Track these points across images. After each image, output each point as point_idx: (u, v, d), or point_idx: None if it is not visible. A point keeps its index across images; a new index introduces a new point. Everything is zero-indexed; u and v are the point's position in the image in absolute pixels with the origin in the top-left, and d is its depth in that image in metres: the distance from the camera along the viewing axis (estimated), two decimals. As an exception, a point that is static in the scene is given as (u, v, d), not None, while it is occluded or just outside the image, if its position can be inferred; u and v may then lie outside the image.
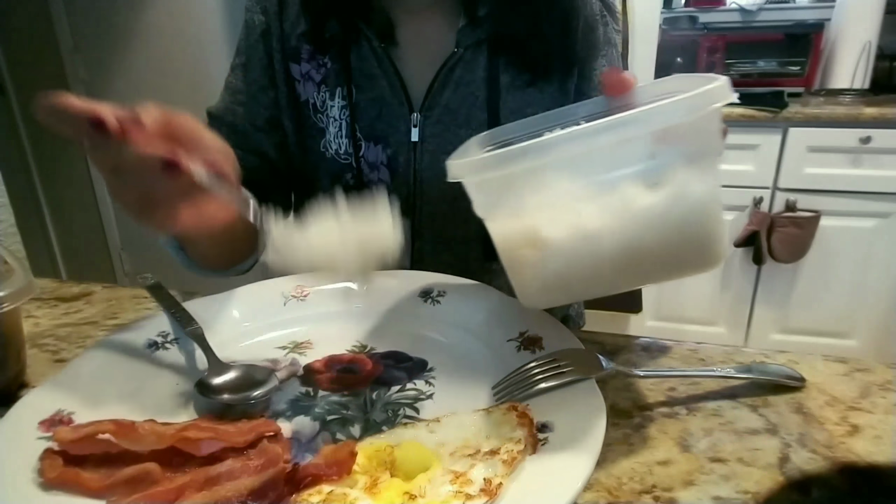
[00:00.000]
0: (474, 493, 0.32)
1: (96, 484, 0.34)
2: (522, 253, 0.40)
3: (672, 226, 0.36)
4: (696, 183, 0.36)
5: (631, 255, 0.37)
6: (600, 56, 0.68)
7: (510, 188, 0.38)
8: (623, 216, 0.36)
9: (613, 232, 0.37)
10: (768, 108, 1.76)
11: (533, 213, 0.38)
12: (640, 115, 0.33)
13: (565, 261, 0.38)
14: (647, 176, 0.36)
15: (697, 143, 0.36)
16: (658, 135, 0.35)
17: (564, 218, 0.37)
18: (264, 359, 0.49)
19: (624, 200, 0.36)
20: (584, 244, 0.37)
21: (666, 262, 0.38)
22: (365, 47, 0.66)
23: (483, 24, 0.65)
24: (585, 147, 0.34)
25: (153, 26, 2.31)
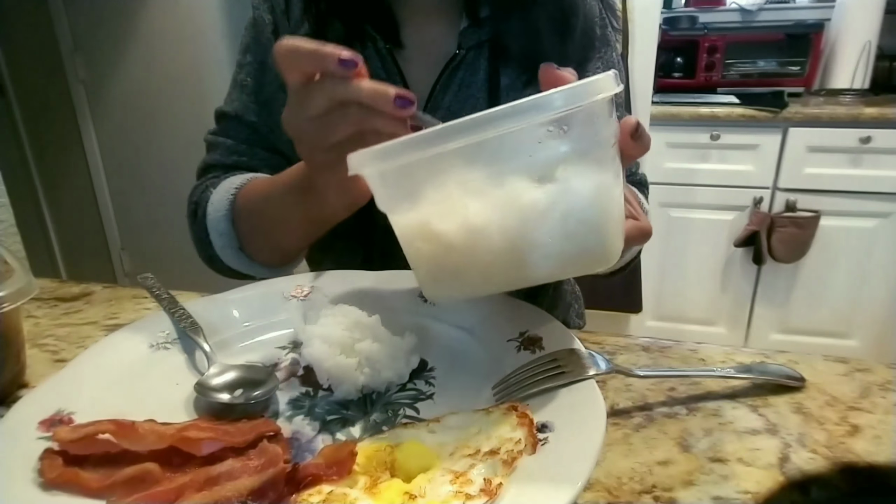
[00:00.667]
0: (474, 493, 0.32)
1: (96, 484, 0.34)
2: (418, 246, 0.40)
3: (556, 222, 0.36)
4: (582, 178, 0.35)
5: (519, 252, 0.37)
6: (596, 58, 0.68)
7: (407, 180, 0.38)
8: (509, 211, 0.36)
9: (500, 227, 0.36)
10: (768, 108, 1.76)
11: (427, 207, 0.38)
12: (522, 106, 0.33)
13: (457, 255, 0.38)
14: (534, 170, 0.35)
15: (584, 137, 0.35)
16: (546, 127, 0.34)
17: (454, 212, 0.37)
18: (264, 359, 0.49)
19: (510, 195, 0.36)
20: (473, 239, 0.37)
21: (555, 260, 0.38)
22: (370, 48, 0.66)
23: (484, 26, 0.65)
24: (474, 138, 0.33)
25: (153, 26, 2.31)
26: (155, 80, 2.36)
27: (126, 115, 2.48)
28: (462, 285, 0.41)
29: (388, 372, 0.44)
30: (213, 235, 0.63)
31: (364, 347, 0.44)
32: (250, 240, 0.63)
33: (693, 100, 1.90)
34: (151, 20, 2.30)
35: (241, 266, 0.65)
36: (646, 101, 1.77)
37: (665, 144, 1.87)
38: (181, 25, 2.26)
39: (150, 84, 2.38)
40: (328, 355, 0.43)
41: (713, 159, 1.86)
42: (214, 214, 0.63)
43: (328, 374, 0.43)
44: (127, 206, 2.68)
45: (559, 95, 0.33)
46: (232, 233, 0.62)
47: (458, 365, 0.47)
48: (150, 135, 2.46)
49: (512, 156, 0.35)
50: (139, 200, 2.60)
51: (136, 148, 2.52)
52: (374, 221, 0.72)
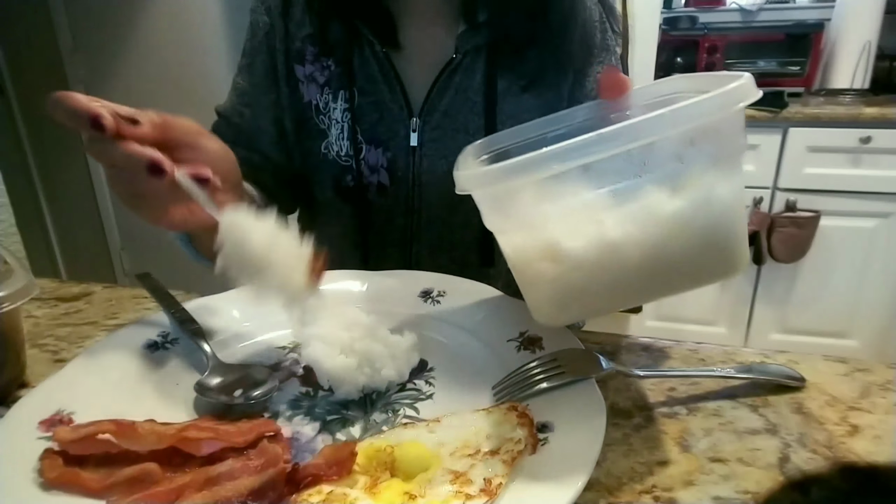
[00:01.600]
0: (474, 493, 0.32)
1: (96, 484, 0.34)
2: (539, 267, 0.38)
3: (698, 231, 0.35)
4: (722, 186, 0.34)
5: (655, 265, 0.36)
6: (596, 63, 0.68)
7: (524, 199, 0.36)
8: (647, 224, 0.35)
9: (637, 241, 0.35)
10: (768, 108, 1.76)
11: (550, 225, 0.36)
12: (664, 118, 0.32)
13: (587, 273, 0.37)
14: (671, 180, 0.34)
15: (723, 143, 0.35)
16: (682, 137, 0.34)
17: (585, 228, 0.36)
18: (264, 359, 0.49)
19: (648, 207, 0.34)
20: (606, 255, 0.36)
21: (690, 271, 0.37)
22: (367, 51, 0.66)
23: (482, 30, 0.65)
24: (605, 153, 0.32)
25: (153, 26, 2.31)
26: (155, 80, 2.36)
27: (126, 115, 2.48)
28: (586, 305, 0.40)
29: (389, 371, 0.44)
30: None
31: (364, 347, 0.44)
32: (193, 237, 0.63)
33: (693, 100, 1.90)
34: (151, 20, 2.30)
35: (191, 257, 0.65)
36: (646, 101, 1.77)
37: (665, 144, 1.87)
38: (181, 25, 2.26)
39: (150, 84, 2.38)
40: (328, 356, 0.43)
41: (713, 159, 1.86)
42: None
43: (328, 375, 0.43)
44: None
45: (710, 103, 0.32)
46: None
47: (458, 365, 0.47)
48: (150, 135, 2.45)
49: (654, 166, 0.34)
50: (139, 200, 2.59)
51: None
52: (370, 223, 0.72)
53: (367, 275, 0.58)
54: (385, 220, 0.70)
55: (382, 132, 0.67)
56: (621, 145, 0.32)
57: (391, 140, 0.67)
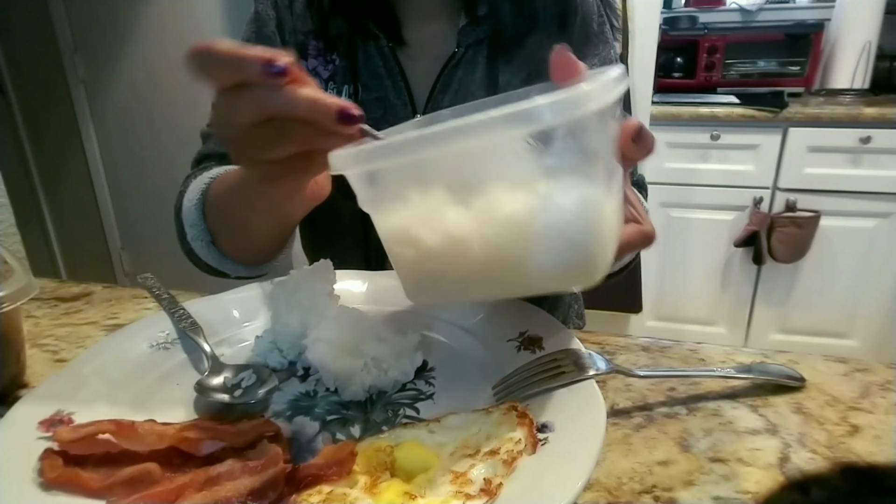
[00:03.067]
0: (474, 493, 0.32)
1: (96, 484, 0.34)
2: (398, 250, 0.38)
3: (536, 238, 0.34)
4: (566, 193, 0.33)
5: (500, 265, 0.36)
6: (594, 54, 0.68)
7: (390, 183, 0.36)
8: (488, 222, 0.34)
9: (480, 239, 0.35)
10: (768, 108, 1.76)
11: (408, 211, 0.36)
12: (501, 117, 0.30)
13: (437, 262, 0.37)
14: (514, 182, 0.33)
15: (570, 150, 0.32)
16: (526, 140, 0.32)
17: (434, 219, 0.35)
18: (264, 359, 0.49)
19: (490, 206, 0.34)
20: (451, 248, 0.36)
21: (535, 275, 0.36)
22: (371, 46, 0.66)
23: (483, 24, 0.65)
24: (452, 147, 0.31)
25: (153, 26, 2.31)
26: (155, 80, 2.36)
27: (126, 115, 2.48)
28: (441, 292, 0.40)
29: (395, 371, 0.44)
30: (186, 226, 0.60)
31: (369, 348, 0.44)
32: (219, 233, 0.59)
33: (693, 100, 1.90)
34: (151, 20, 2.30)
35: (213, 261, 0.61)
36: (646, 101, 1.77)
37: (665, 144, 1.87)
38: (181, 25, 2.26)
39: (150, 84, 2.38)
40: (333, 358, 0.43)
41: (713, 159, 1.86)
42: (188, 204, 0.60)
43: (335, 377, 0.43)
44: (127, 206, 2.68)
45: (545, 108, 0.30)
46: (202, 224, 0.59)
47: (458, 365, 0.47)
48: (150, 135, 2.46)
49: (493, 166, 0.34)
50: (139, 200, 2.60)
51: (136, 148, 2.52)
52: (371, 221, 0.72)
53: (368, 274, 0.58)
54: None
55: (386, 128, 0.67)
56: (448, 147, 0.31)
57: None
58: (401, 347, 0.45)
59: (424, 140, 0.32)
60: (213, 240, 0.59)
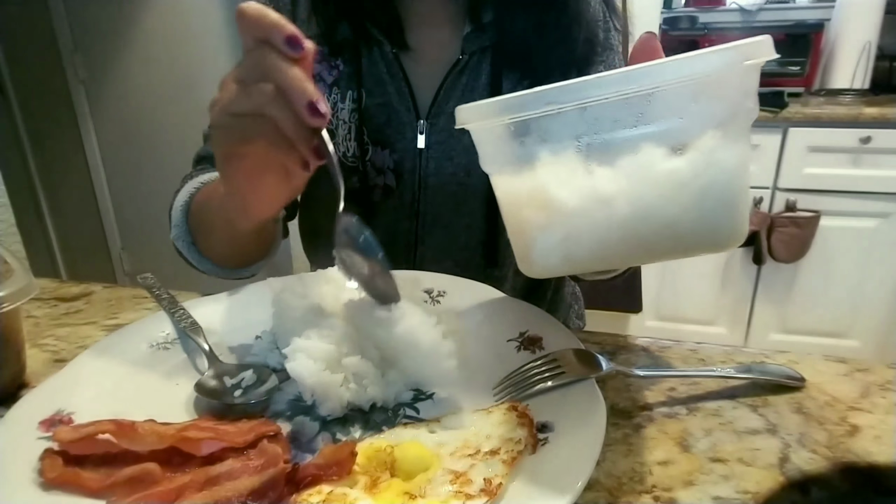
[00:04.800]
0: (474, 493, 0.32)
1: (96, 484, 0.34)
2: (527, 214, 0.36)
3: (695, 196, 0.32)
4: (727, 150, 0.32)
5: (646, 225, 0.34)
6: (598, 62, 0.68)
7: (519, 140, 0.35)
8: (642, 180, 0.32)
9: (629, 197, 0.33)
10: (768, 108, 1.76)
11: (541, 170, 0.34)
12: (667, 66, 0.30)
13: (574, 225, 0.35)
14: (672, 137, 0.32)
15: (730, 104, 0.32)
16: (683, 90, 0.31)
17: (576, 177, 0.34)
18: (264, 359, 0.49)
19: (644, 163, 0.32)
20: (595, 208, 0.34)
21: (683, 236, 0.34)
22: (376, 52, 0.66)
23: (487, 31, 0.65)
24: (605, 94, 0.31)
25: (153, 26, 2.31)
26: (155, 80, 2.37)
27: (126, 115, 2.48)
28: (572, 259, 0.37)
29: (375, 389, 0.42)
30: (172, 224, 0.64)
31: (351, 363, 0.42)
32: (199, 238, 0.63)
33: (693, 100, 1.90)
34: (151, 20, 2.30)
35: (193, 260, 0.64)
36: (646, 101, 1.77)
37: (665, 144, 1.87)
38: (181, 26, 2.26)
39: (150, 84, 2.38)
40: (311, 372, 0.41)
41: (713, 159, 1.86)
42: (176, 205, 0.63)
43: (312, 391, 0.41)
44: (127, 206, 2.68)
45: (717, 56, 0.29)
46: (185, 226, 0.63)
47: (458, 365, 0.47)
48: (150, 135, 2.46)
49: (653, 119, 0.32)
50: (139, 200, 2.60)
51: (136, 148, 2.52)
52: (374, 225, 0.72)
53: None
54: (390, 221, 0.70)
55: (389, 134, 0.67)
56: (618, 89, 0.31)
57: (398, 142, 0.67)
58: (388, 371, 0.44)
59: (589, 84, 0.31)
60: (194, 241, 0.63)
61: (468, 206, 0.68)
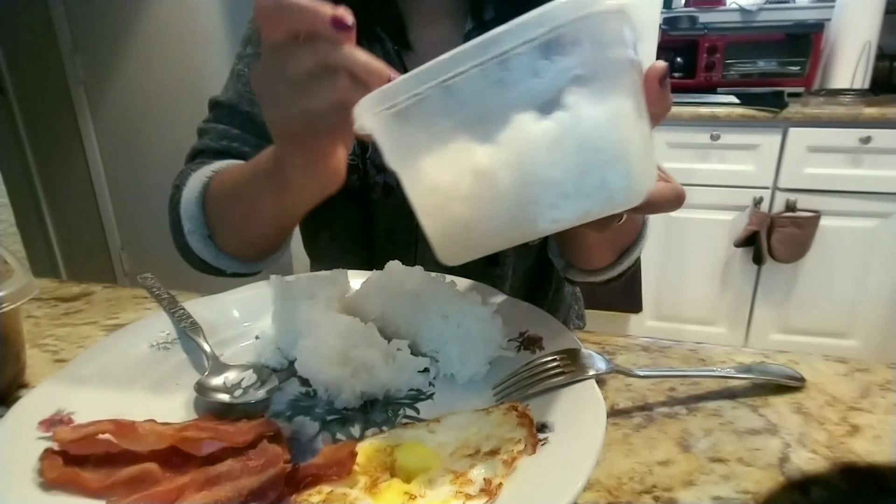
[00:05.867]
0: (474, 493, 0.32)
1: (96, 484, 0.34)
2: (424, 202, 0.37)
3: (571, 153, 0.32)
4: (596, 104, 0.31)
5: (532, 192, 0.33)
6: None
7: (404, 129, 0.35)
8: (517, 147, 0.33)
9: (509, 167, 0.33)
10: (768, 108, 1.76)
11: (427, 157, 0.35)
12: (512, 28, 0.30)
13: (464, 207, 0.35)
14: (535, 98, 0.32)
15: (587, 57, 0.31)
16: (536, 51, 0.31)
17: (456, 158, 0.34)
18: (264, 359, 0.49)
19: (515, 129, 0.32)
20: (479, 185, 0.34)
21: (571, 197, 0.33)
22: (377, 49, 0.66)
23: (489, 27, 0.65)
24: (461, 69, 0.31)
25: (153, 26, 2.31)
26: (155, 80, 2.37)
27: (126, 115, 2.48)
28: (473, 241, 0.37)
29: (385, 375, 0.43)
30: (184, 219, 0.60)
31: (359, 354, 0.43)
32: (219, 227, 0.60)
33: (693, 100, 1.90)
34: (151, 20, 2.30)
35: (209, 256, 0.61)
36: (646, 100, 1.77)
37: (665, 144, 1.87)
38: (181, 25, 2.26)
39: (150, 84, 2.38)
40: (322, 367, 0.42)
41: (713, 159, 1.86)
42: (187, 197, 0.60)
43: (325, 386, 0.43)
44: (127, 206, 2.68)
45: (553, 8, 0.29)
46: (201, 217, 0.59)
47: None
48: (150, 135, 2.46)
49: (513, 84, 0.32)
50: (139, 200, 2.60)
51: (136, 148, 2.52)
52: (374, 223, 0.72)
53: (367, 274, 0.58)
54: (390, 220, 0.70)
55: None
56: (473, 62, 0.31)
57: None
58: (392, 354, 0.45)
59: (445, 63, 0.31)
60: (211, 234, 0.59)
61: None
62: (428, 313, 0.47)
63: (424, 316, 0.47)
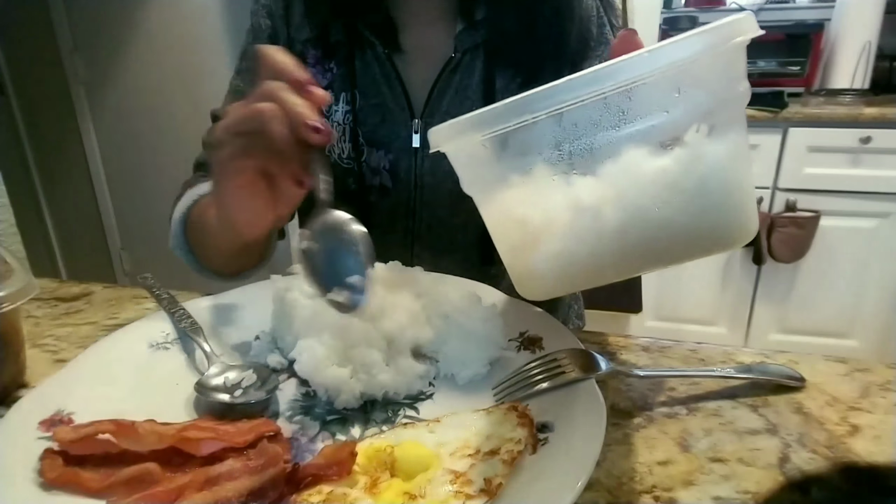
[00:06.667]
0: (474, 493, 0.32)
1: (96, 484, 0.34)
2: (512, 236, 0.35)
3: (688, 194, 0.30)
4: (717, 141, 0.29)
5: (639, 232, 0.31)
6: (595, 56, 0.68)
7: (496, 156, 0.33)
8: (627, 184, 0.30)
9: (616, 204, 0.30)
10: (768, 108, 1.76)
11: (523, 188, 0.32)
12: (644, 57, 0.28)
13: (560, 241, 0.33)
14: (658, 134, 0.30)
15: (718, 90, 0.29)
16: (668, 83, 0.29)
17: (556, 190, 0.32)
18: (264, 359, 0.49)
19: (628, 165, 0.30)
20: (580, 220, 0.31)
21: (681, 239, 0.32)
22: (369, 53, 0.66)
23: (480, 28, 0.65)
24: (580, 96, 0.28)
25: (153, 26, 2.31)
26: (155, 80, 2.36)
27: (126, 115, 2.48)
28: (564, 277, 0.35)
29: (385, 376, 0.43)
30: (171, 235, 0.64)
31: (358, 354, 0.43)
32: (196, 248, 0.64)
33: (693, 100, 1.90)
34: (151, 20, 2.30)
35: (193, 268, 0.66)
36: (646, 101, 1.77)
37: (665, 144, 1.87)
38: (181, 26, 2.26)
39: (150, 84, 2.38)
40: (319, 368, 0.42)
41: (713, 159, 1.86)
42: (176, 215, 0.64)
43: (324, 387, 0.43)
44: (127, 206, 2.68)
45: (697, 39, 0.27)
46: (182, 237, 0.64)
47: (458, 365, 0.47)
48: (150, 135, 2.46)
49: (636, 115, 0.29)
50: (139, 200, 2.60)
51: (136, 148, 2.52)
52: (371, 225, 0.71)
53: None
54: (387, 222, 0.70)
55: (384, 134, 0.67)
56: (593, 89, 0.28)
57: (393, 142, 0.67)
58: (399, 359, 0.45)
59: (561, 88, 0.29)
60: (191, 250, 0.64)
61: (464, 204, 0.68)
62: (428, 313, 0.47)
63: (424, 316, 0.47)
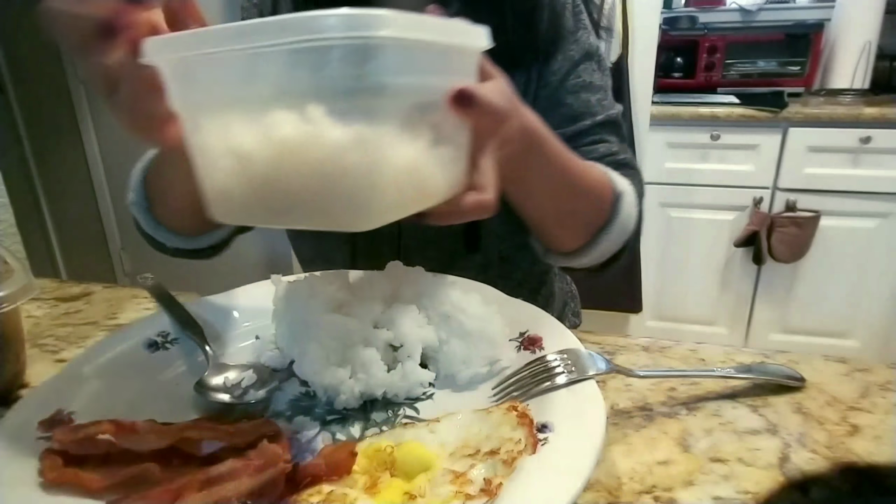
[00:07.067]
0: (474, 493, 0.32)
1: (96, 484, 0.34)
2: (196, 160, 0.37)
3: (308, 168, 0.32)
4: (333, 127, 0.31)
5: (275, 188, 0.34)
6: (572, 42, 0.68)
7: (187, 82, 0.34)
8: (266, 142, 0.32)
9: (260, 157, 0.33)
10: (768, 108, 1.76)
11: (199, 118, 0.35)
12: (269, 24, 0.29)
13: (223, 176, 0.35)
14: (284, 101, 0.31)
15: (330, 79, 0.30)
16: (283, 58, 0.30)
17: (222, 130, 0.34)
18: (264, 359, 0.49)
19: (270, 126, 0.32)
20: (236, 164, 0.34)
21: (307, 206, 0.34)
22: None
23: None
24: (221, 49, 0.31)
25: (153, 26, 2.31)
26: (155, 79, 2.36)
27: (126, 115, 2.48)
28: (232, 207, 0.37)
29: (384, 376, 0.43)
30: (130, 190, 0.61)
31: (356, 354, 0.43)
32: (152, 198, 0.61)
33: (693, 100, 1.90)
34: (151, 20, 2.30)
35: (149, 227, 0.62)
36: (646, 101, 1.77)
37: (665, 144, 1.87)
38: (181, 25, 2.26)
39: (150, 84, 2.38)
40: (318, 370, 0.43)
41: (713, 159, 1.86)
42: (137, 166, 0.61)
43: (324, 388, 0.43)
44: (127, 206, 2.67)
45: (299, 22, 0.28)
46: (141, 190, 0.60)
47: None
48: (150, 135, 2.45)
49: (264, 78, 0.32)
50: (139, 200, 2.59)
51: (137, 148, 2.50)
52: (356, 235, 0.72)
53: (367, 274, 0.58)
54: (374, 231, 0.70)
55: None
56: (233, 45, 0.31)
57: None
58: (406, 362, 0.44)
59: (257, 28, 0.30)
60: (150, 206, 0.60)
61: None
62: (428, 313, 0.47)
63: (425, 316, 0.47)
